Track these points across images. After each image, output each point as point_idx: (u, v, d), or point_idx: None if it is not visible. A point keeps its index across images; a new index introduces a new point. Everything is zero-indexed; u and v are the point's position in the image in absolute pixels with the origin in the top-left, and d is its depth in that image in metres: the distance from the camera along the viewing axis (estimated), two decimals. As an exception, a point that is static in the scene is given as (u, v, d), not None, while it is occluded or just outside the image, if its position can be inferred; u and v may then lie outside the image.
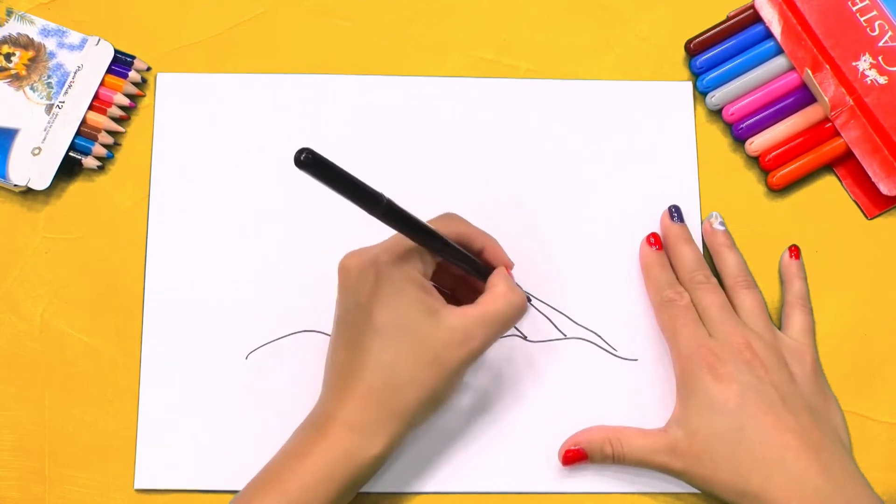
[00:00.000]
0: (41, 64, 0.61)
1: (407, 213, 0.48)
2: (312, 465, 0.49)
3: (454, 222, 0.54)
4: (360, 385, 0.50)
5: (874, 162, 0.61)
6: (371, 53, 0.64)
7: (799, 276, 0.60)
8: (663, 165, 0.62)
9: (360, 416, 0.50)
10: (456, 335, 0.50)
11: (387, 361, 0.50)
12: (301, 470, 0.49)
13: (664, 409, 0.57)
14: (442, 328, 0.50)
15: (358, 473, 0.50)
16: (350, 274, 0.51)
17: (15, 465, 0.57)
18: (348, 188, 0.45)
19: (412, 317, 0.50)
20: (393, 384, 0.50)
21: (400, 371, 0.50)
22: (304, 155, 0.42)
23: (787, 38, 0.63)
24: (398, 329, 0.50)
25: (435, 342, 0.50)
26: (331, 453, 0.49)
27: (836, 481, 0.51)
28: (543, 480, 0.57)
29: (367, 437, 0.50)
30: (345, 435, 0.50)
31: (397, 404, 0.50)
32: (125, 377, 0.58)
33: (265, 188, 0.61)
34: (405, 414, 0.50)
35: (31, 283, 0.60)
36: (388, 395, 0.50)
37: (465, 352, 0.51)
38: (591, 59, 0.65)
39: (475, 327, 0.51)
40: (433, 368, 0.50)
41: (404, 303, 0.50)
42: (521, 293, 0.53)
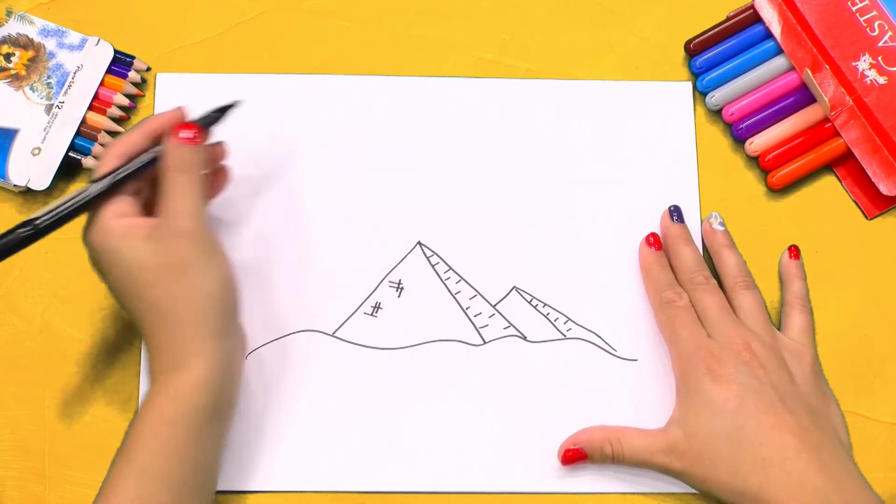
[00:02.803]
0: (41, 64, 0.61)
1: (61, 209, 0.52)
2: (148, 419, 0.50)
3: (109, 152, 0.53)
4: (147, 335, 0.51)
5: (874, 162, 0.61)
6: (371, 53, 0.64)
7: (798, 276, 0.60)
8: (663, 165, 0.62)
9: (163, 355, 0.51)
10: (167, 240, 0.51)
11: (145, 303, 0.51)
12: (141, 431, 0.50)
13: (664, 409, 0.57)
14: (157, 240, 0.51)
15: (194, 406, 0.50)
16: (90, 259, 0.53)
17: (15, 465, 0.57)
18: None
19: (131, 249, 0.51)
20: (160, 313, 0.50)
21: (155, 300, 0.50)
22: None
23: (786, 38, 0.63)
24: (129, 270, 0.51)
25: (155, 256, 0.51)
26: (160, 399, 0.50)
27: (836, 481, 0.51)
28: (543, 480, 0.57)
29: (180, 367, 0.50)
30: (162, 379, 0.50)
31: (182, 325, 0.50)
32: (125, 377, 0.58)
33: (264, 187, 0.61)
34: (197, 326, 0.51)
35: (31, 283, 0.60)
36: (166, 324, 0.50)
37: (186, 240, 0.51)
38: (591, 59, 0.65)
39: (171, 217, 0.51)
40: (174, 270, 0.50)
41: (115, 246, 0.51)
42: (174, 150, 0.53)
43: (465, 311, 0.59)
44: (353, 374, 0.58)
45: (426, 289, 0.60)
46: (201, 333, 0.51)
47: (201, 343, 0.51)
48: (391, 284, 0.60)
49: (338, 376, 0.58)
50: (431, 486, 0.57)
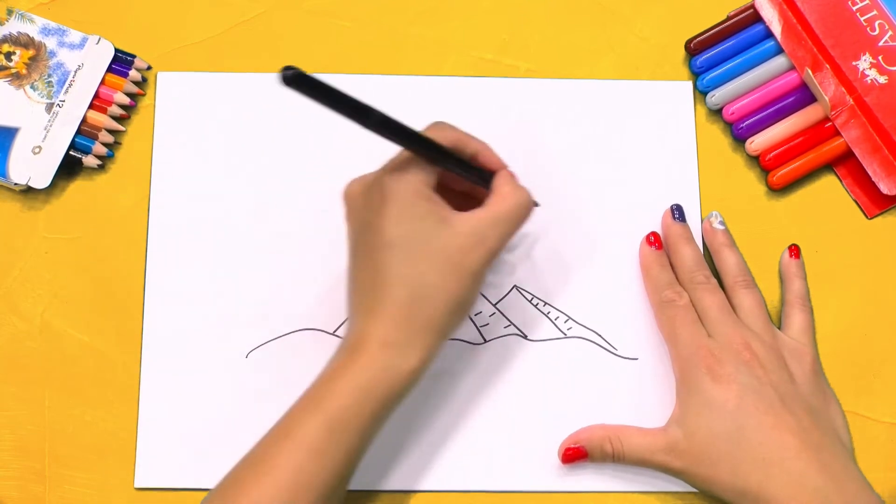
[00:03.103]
0: (41, 63, 0.61)
1: (401, 124, 0.48)
2: (350, 384, 0.49)
3: (446, 129, 0.53)
4: (386, 301, 0.50)
5: (874, 161, 0.61)
6: (371, 53, 0.64)
7: (799, 275, 0.60)
8: (663, 165, 0.62)
9: (391, 331, 0.50)
10: (471, 239, 0.50)
11: (408, 274, 0.50)
12: (339, 391, 0.49)
13: (664, 408, 0.57)
14: (456, 234, 0.50)
15: (395, 389, 0.50)
16: (355, 197, 0.51)
17: (15, 465, 0.57)
18: (336, 102, 0.45)
19: (425, 227, 0.50)
20: (419, 295, 0.50)
21: (423, 282, 0.50)
22: (288, 73, 0.42)
23: (787, 37, 0.63)
24: (414, 241, 0.50)
25: (452, 249, 0.50)
26: (367, 371, 0.49)
27: (836, 481, 0.51)
28: (543, 479, 0.57)
29: (402, 351, 0.50)
30: (380, 352, 0.49)
31: (426, 315, 0.50)
32: (125, 377, 0.58)
33: (265, 187, 0.61)
34: (434, 324, 0.50)
35: (31, 283, 0.60)
36: (417, 307, 0.50)
37: (482, 254, 0.51)
38: (591, 59, 0.65)
39: (488, 229, 0.51)
40: (455, 275, 0.50)
41: (414, 215, 0.50)
42: (526, 191, 0.53)
43: (465, 310, 0.59)
44: (354, 373, 0.58)
45: (426, 288, 0.60)
46: (438, 330, 0.50)
47: (432, 338, 0.50)
48: (391, 283, 0.60)
49: (338, 375, 0.58)
50: (431, 485, 0.57)
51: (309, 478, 0.48)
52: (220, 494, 0.49)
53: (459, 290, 0.50)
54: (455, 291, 0.50)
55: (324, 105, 0.44)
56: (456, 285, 0.50)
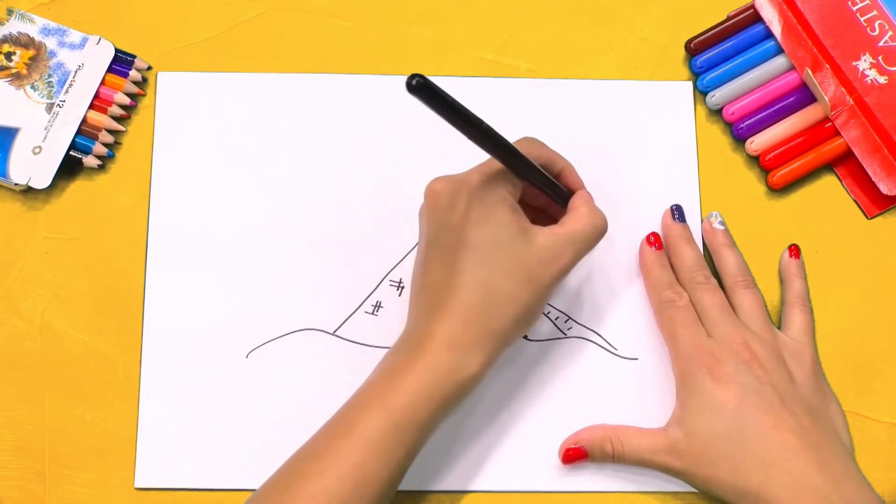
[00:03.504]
0: (42, 63, 0.61)
1: (501, 137, 0.50)
2: (415, 382, 0.49)
3: (535, 145, 0.54)
4: (457, 303, 0.50)
5: (874, 161, 0.61)
6: (371, 53, 0.64)
7: (799, 275, 0.60)
8: (663, 165, 0.62)
9: (458, 333, 0.50)
10: (547, 253, 0.51)
11: (483, 279, 0.50)
12: (404, 387, 0.49)
13: (664, 408, 0.57)
14: (534, 246, 0.51)
15: (458, 391, 0.50)
16: (440, 196, 0.51)
17: (15, 465, 0.57)
18: (454, 114, 0.47)
19: (505, 235, 0.51)
20: (490, 301, 0.50)
21: (496, 288, 0.50)
22: (416, 80, 0.44)
23: (787, 37, 0.63)
24: (493, 247, 0.50)
25: (528, 260, 0.51)
26: (433, 371, 0.50)
27: (836, 481, 0.51)
28: (543, 479, 0.57)
29: (467, 354, 0.50)
30: (445, 352, 0.50)
31: (495, 322, 0.51)
32: (125, 377, 0.58)
33: (265, 187, 0.61)
34: (502, 331, 0.51)
35: (31, 283, 0.60)
36: (486, 312, 0.50)
37: (556, 269, 0.52)
38: (591, 59, 0.65)
39: (564, 245, 0.52)
40: (528, 285, 0.51)
41: (497, 222, 0.51)
42: (602, 214, 0.54)
43: (465, 310, 0.59)
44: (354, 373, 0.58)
45: (427, 288, 0.60)
46: (502, 338, 0.51)
47: (496, 345, 0.51)
48: (392, 283, 0.60)
49: (338, 375, 0.58)
50: (431, 485, 0.57)
51: (371, 474, 0.48)
52: (280, 485, 0.49)
53: (530, 301, 0.51)
54: (526, 302, 0.51)
55: (441, 115, 0.46)
56: (527, 295, 0.51)
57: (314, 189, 0.61)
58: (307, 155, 0.62)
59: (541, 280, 0.51)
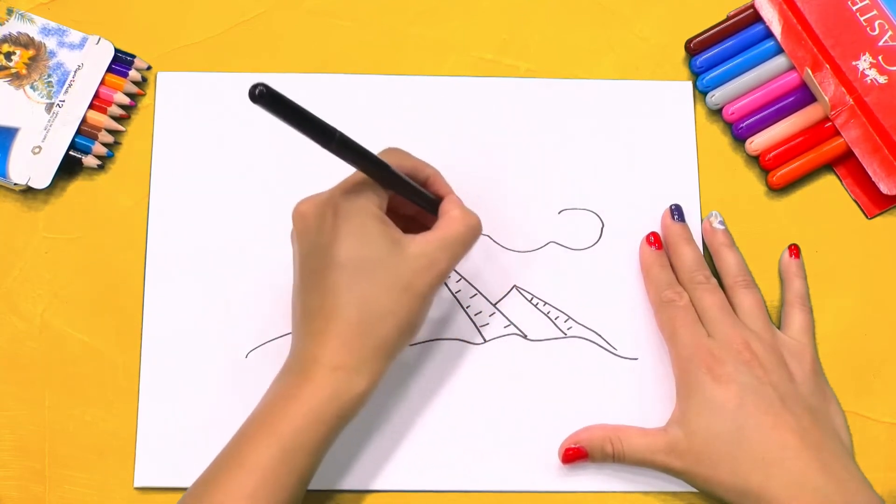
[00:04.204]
0: (41, 63, 0.61)
1: (360, 147, 0.49)
2: (302, 407, 0.49)
3: (399, 155, 0.54)
4: (337, 324, 0.50)
5: (874, 161, 0.61)
6: (371, 53, 0.64)
7: (798, 275, 0.60)
8: (663, 165, 0.62)
9: (342, 355, 0.50)
10: (422, 261, 0.51)
11: (359, 297, 0.50)
12: (291, 413, 0.49)
13: (664, 408, 0.57)
14: (407, 256, 0.51)
15: (346, 411, 0.50)
16: (307, 217, 0.50)
17: (15, 465, 0.57)
18: (302, 122, 0.45)
19: (377, 249, 0.50)
20: (369, 318, 0.50)
21: (374, 304, 0.50)
22: (259, 89, 0.42)
23: (787, 37, 0.63)
24: (365, 262, 0.50)
25: (403, 271, 0.50)
26: (318, 395, 0.50)
27: (836, 480, 0.51)
28: (543, 479, 0.57)
29: (352, 375, 0.50)
30: (330, 376, 0.50)
31: (377, 338, 0.50)
32: (125, 377, 0.58)
33: (265, 187, 0.61)
34: (385, 347, 0.51)
35: (31, 283, 0.60)
36: (367, 330, 0.50)
37: (433, 276, 0.51)
38: (591, 59, 0.65)
39: (438, 251, 0.51)
40: (405, 297, 0.50)
41: (366, 237, 0.50)
42: (474, 215, 0.53)
43: (465, 310, 0.59)
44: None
45: (426, 288, 0.60)
46: (386, 352, 0.51)
47: (381, 361, 0.51)
48: (391, 283, 0.60)
49: (338, 375, 0.58)
50: (431, 485, 0.57)
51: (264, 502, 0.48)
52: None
53: (409, 313, 0.51)
54: (405, 314, 0.51)
55: (289, 124, 0.45)
56: (406, 307, 0.51)
57: (314, 189, 0.61)
58: (307, 155, 0.62)
59: (418, 289, 0.51)
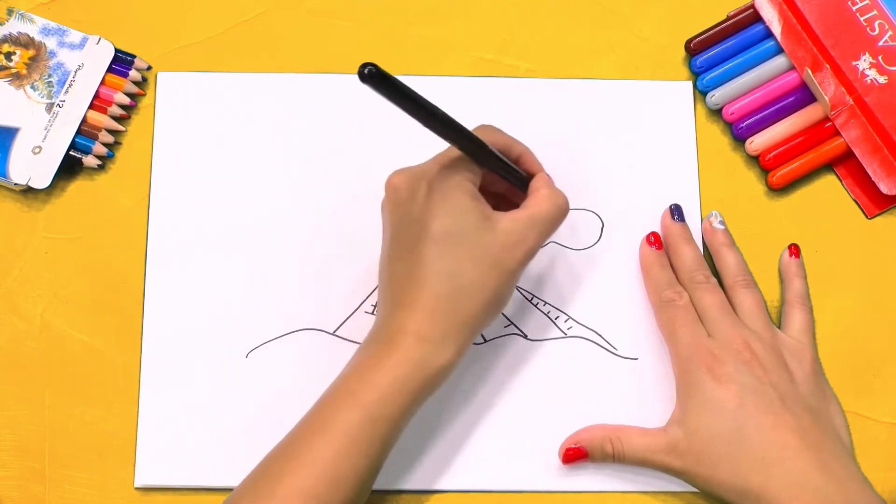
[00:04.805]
0: (42, 63, 0.61)
1: (459, 125, 0.50)
2: (387, 376, 0.49)
3: (492, 132, 0.54)
4: (425, 295, 0.50)
5: (874, 161, 0.61)
6: (371, 53, 0.64)
7: (798, 274, 0.60)
8: (663, 165, 0.62)
9: (428, 325, 0.50)
10: (511, 238, 0.51)
11: (449, 269, 0.50)
12: (376, 382, 0.49)
13: (664, 408, 0.57)
14: (497, 232, 0.51)
15: (430, 383, 0.50)
16: (400, 190, 0.51)
17: (15, 465, 0.57)
18: (408, 102, 0.47)
19: (468, 223, 0.50)
20: (458, 291, 0.50)
21: (463, 277, 0.50)
22: (369, 69, 0.44)
23: (787, 37, 0.63)
24: (456, 236, 0.50)
25: (493, 246, 0.51)
26: (404, 364, 0.50)
27: (836, 480, 0.52)
28: (543, 479, 0.57)
29: (438, 345, 0.50)
30: (416, 345, 0.50)
31: (463, 311, 0.51)
32: (125, 377, 0.58)
33: (265, 187, 0.61)
34: (471, 320, 0.51)
35: (31, 283, 0.60)
36: (455, 302, 0.50)
37: (521, 253, 0.51)
38: (591, 59, 0.65)
39: (527, 229, 0.52)
40: (494, 272, 0.51)
41: (459, 210, 0.50)
42: (562, 194, 0.54)
43: (465, 310, 0.59)
44: (354, 373, 0.58)
45: (427, 288, 0.60)
46: (472, 326, 0.51)
47: (467, 334, 0.51)
48: (392, 283, 0.60)
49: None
50: (431, 485, 0.57)
51: (347, 469, 0.48)
52: (255, 487, 0.49)
53: (497, 287, 0.51)
54: (493, 288, 0.51)
55: (395, 103, 0.46)
56: (494, 282, 0.51)
57: (314, 189, 0.61)
58: (307, 155, 0.62)
59: (506, 265, 0.51)
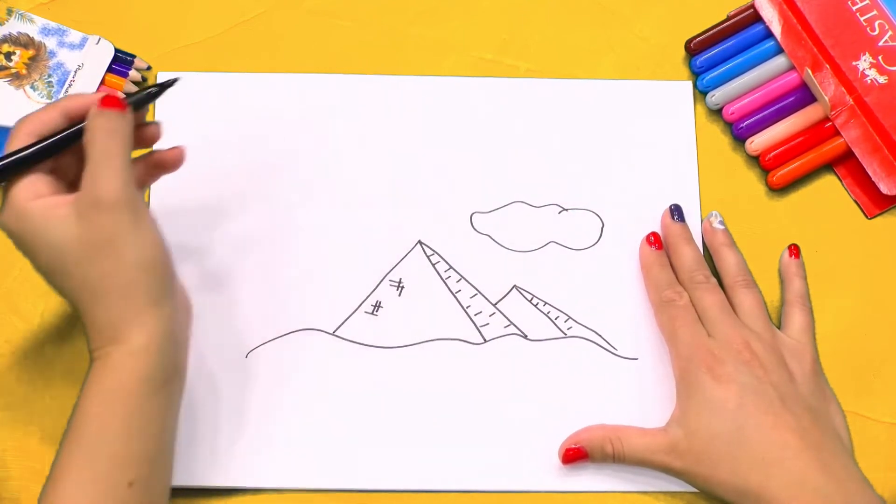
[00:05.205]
0: (42, 63, 0.61)
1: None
2: (94, 393, 0.48)
3: (31, 121, 0.50)
4: (82, 311, 0.49)
5: (874, 161, 0.61)
6: (371, 53, 0.64)
7: (798, 274, 0.60)
8: (663, 165, 0.62)
9: (101, 333, 0.48)
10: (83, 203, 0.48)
11: (73, 280, 0.48)
12: (86, 407, 0.48)
13: (664, 408, 0.57)
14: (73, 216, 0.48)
15: (130, 374, 0.48)
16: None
17: (15, 465, 0.57)
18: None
19: (49, 227, 0.48)
20: (91, 290, 0.48)
21: (87, 278, 0.48)
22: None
23: (787, 37, 0.63)
24: (54, 248, 0.48)
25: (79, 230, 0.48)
26: (97, 376, 0.48)
27: (836, 480, 0.51)
28: (543, 479, 0.57)
29: (121, 340, 0.48)
30: (102, 354, 0.48)
31: (125, 296, 0.48)
32: (125, 377, 0.58)
33: (265, 187, 0.61)
34: (132, 295, 0.48)
35: (31, 283, 0.60)
36: (104, 301, 0.48)
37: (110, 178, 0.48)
38: (591, 59, 0.65)
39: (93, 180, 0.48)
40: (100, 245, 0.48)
41: (36, 224, 0.48)
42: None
43: (465, 310, 0.59)
44: (354, 373, 0.58)
45: (427, 288, 0.60)
46: (136, 304, 0.49)
47: (136, 313, 0.49)
48: (391, 283, 0.60)
49: (338, 375, 0.58)
50: (431, 485, 0.57)
51: None
52: None
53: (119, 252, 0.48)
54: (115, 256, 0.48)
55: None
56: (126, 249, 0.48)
57: (313, 188, 0.61)
58: (307, 155, 0.62)
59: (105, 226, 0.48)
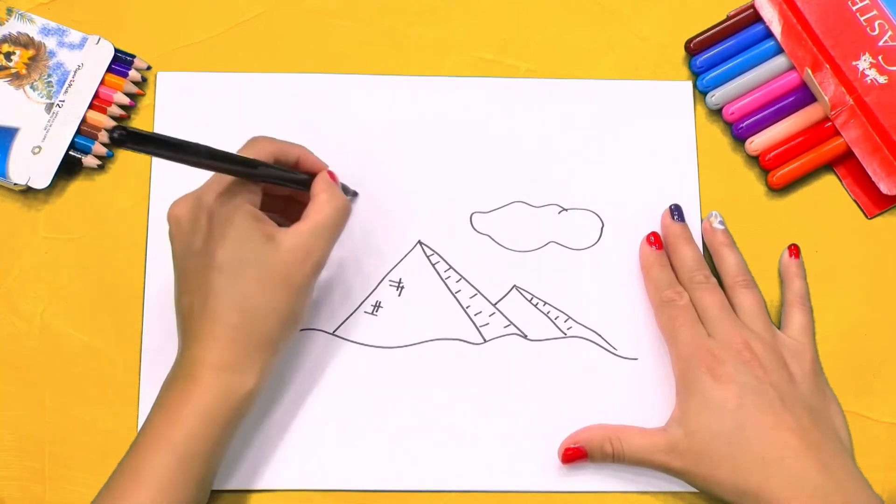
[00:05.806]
0: (41, 63, 0.61)
1: (226, 153, 0.50)
2: (192, 412, 0.50)
3: (264, 142, 0.54)
4: (218, 326, 0.50)
5: (874, 161, 0.61)
6: (371, 53, 0.64)
7: (798, 274, 0.60)
8: (663, 165, 0.62)
9: (226, 355, 0.50)
10: (297, 254, 0.51)
11: (238, 298, 0.50)
12: (182, 419, 0.50)
13: (664, 408, 0.57)
14: (282, 251, 0.51)
15: (237, 411, 0.51)
16: (181, 222, 0.51)
17: (15, 465, 0.57)
18: (170, 150, 0.47)
19: (251, 248, 0.51)
20: (250, 317, 0.51)
21: (253, 304, 0.51)
22: (118, 133, 0.43)
23: (787, 37, 0.63)
24: (241, 263, 0.50)
25: (279, 266, 0.51)
26: (208, 397, 0.50)
27: (836, 480, 0.52)
28: (543, 479, 0.57)
29: (239, 374, 0.51)
30: (217, 377, 0.50)
31: (260, 335, 0.51)
32: (125, 377, 0.58)
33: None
34: (269, 342, 0.52)
35: (31, 283, 0.60)
36: (249, 328, 0.51)
37: (308, 267, 0.52)
38: (591, 59, 0.65)
39: (312, 240, 0.52)
40: (284, 291, 0.51)
41: (240, 236, 0.51)
42: (341, 195, 0.54)
43: (465, 310, 0.59)
44: (354, 373, 0.58)
45: (426, 287, 0.60)
46: (271, 348, 0.52)
47: (266, 357, 0.52)
48: (391, 283, 0.60)
49: (338, 375, 0.58)
50: (432, 485, 0.57)
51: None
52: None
53: (289, 306, 0.52)
54: (285, 308, 0.52)
55: (157, 155, 0.47)
56: (285, 302, 0.52)
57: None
58: (307, 155, 0.62)
59: (295, 283, 0.52)
